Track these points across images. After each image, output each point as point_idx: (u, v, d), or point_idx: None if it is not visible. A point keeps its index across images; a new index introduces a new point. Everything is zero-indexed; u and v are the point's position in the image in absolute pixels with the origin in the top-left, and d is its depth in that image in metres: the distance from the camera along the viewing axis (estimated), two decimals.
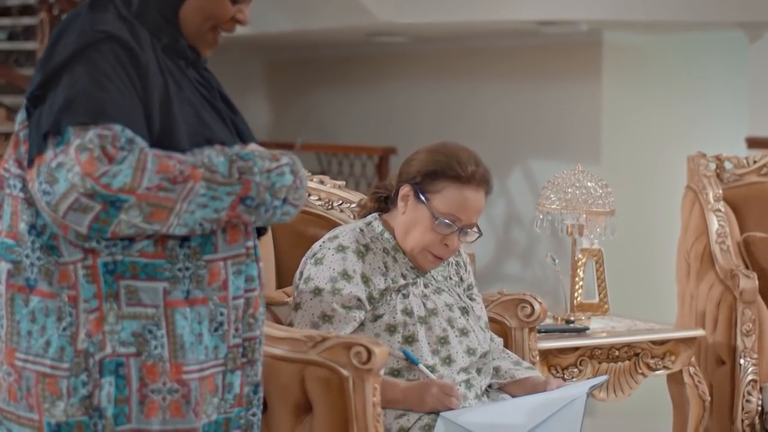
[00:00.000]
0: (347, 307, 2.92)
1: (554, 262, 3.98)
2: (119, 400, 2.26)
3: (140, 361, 2.26)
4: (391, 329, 2.93)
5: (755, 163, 4.47)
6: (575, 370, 3.70)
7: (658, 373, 3.83)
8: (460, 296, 3.07)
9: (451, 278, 3.10)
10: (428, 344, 2.94)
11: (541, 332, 3.59)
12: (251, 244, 2.38)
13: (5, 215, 2.32)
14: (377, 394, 2.72)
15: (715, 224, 4.25)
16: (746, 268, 4.18)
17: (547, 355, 3.62)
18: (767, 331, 4.09)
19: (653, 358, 3.81)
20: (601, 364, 3.75)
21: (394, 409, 2.87)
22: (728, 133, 6.65)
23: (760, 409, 4.04)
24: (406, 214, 2.99)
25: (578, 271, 4.03)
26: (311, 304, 2.93)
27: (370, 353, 2.70)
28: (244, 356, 2.39)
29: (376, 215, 3.08)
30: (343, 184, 3.52)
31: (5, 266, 2.30)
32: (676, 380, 3.87)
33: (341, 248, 2.97)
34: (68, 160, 2.15)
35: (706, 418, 3.88)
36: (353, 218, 3.37)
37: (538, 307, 3.27)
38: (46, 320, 2.26)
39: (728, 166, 4.43)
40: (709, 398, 3.88)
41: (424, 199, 2.96)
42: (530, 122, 7.67)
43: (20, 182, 2.29)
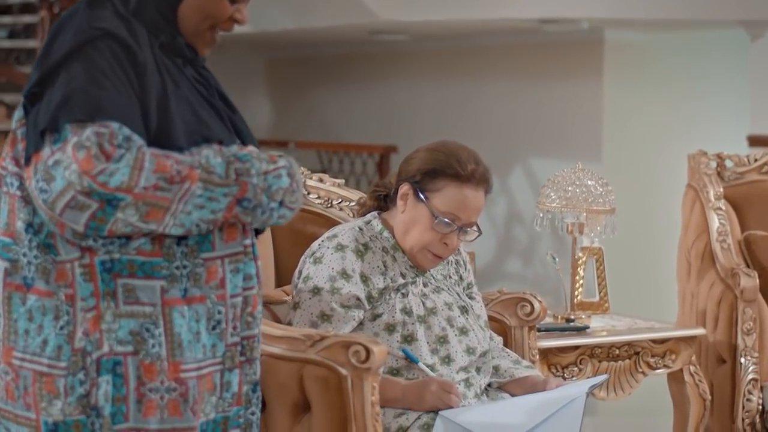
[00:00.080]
0: (346, 306, 2.91)
1: (554, 260, 3.98)
2: (117, 398, 2.25)
3: (138, 359, 2.26)
4: (390, 328, 2.92)
5: (756, 161, 4.46)
6: (575, 368, 3.69)
7: (658, 372, 3.82)
8: (459, 295, 3.06)
9: (450, 277, 3.09)
10: (427, 343, 2.93)
11: (541, 331, 3.58)
12: (249, 242, 2.38)
13: (2, 213, 2.32)
14: (376, 393, 2.72)
15: (715, 223, 4.24)
16: (747, 266, 4.17)
17: (547, 353, 3.62)
18: None
19: (653, 356, 3.80)
20: (601, 362, 3.74)
21: (393, 407, 2.86)
22: (729, 131, 6.63)
23: (760, 408, 4.03)
24: (405, 212, 2.98)
25: (578, 269, 4.02)
26: (310, 303, 2.92)
27: (368, 352, 2.69)
28: (242, 355, 2.38)
29: (375, 214, 3.07)
30: (342, 182, 3.51)
31: (2, 265, 2.30)
32: (676, 379, 3.86)
33: (340, 247, 2.96)
34: (65, 157, 2.15)
35: (706, 417, 3.87)
36: (352, 217, 3.36)
37: (537, 305, 3.26)
38: (43, 319, 2.26)
39: (729, 164, 4.42)
40: (709, 397, 3.87)
41: (423, 197, 2.95)
42: (531, 120, 7.66)
43: (17, 180, 2.29)
